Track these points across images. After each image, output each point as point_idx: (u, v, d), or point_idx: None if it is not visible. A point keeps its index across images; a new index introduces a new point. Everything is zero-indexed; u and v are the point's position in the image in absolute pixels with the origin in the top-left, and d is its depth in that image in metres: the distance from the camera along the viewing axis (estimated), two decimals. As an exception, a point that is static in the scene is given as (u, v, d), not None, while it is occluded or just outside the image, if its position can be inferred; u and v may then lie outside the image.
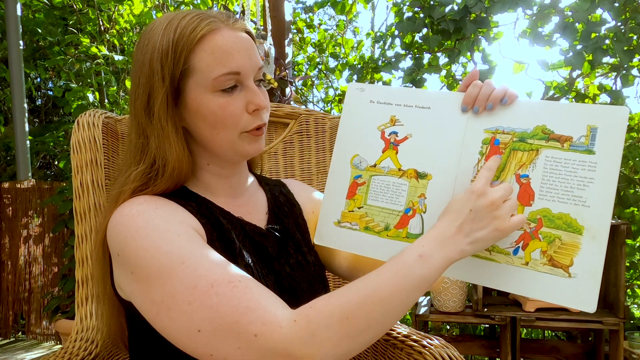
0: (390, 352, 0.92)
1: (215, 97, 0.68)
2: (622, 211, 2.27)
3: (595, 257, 0.63)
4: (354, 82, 0.72)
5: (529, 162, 0.66)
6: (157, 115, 0.68)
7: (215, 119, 0.68)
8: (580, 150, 0.64)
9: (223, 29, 0.68)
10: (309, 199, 0.89)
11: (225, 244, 0.70)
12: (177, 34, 0.66)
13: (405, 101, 0.74)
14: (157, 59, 0.67)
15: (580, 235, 0.63)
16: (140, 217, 0.63)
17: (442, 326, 2.85)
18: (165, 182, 0.70)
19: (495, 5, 2.36)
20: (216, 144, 0.71)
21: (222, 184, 0.78)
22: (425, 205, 0.71)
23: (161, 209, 0.65)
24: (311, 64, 4.19)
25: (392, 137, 0.74)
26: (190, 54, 0.67)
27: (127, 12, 3.72)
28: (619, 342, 1.92)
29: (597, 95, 2.53)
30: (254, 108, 0.69)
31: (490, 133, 0.69)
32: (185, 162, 0.70)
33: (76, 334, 0.96)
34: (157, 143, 0.69)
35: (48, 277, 3.21)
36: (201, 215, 0.70)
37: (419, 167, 0.72)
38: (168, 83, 0.67)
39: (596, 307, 0.63)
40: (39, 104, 5.88)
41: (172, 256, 0.58)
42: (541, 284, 0.65)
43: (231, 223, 0.73)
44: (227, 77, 0.67)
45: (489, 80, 0.69)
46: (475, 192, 0.63)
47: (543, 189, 0.65)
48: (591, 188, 0.63)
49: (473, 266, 0.68)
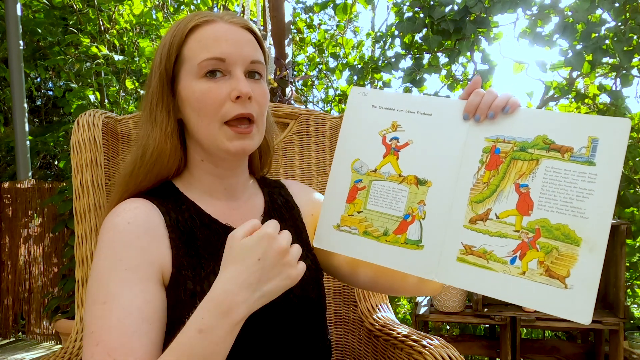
0: (390, 352, 0.92)
1: (200, 82, 0.69)
2: (622, 211, 2.27)
3: (592, 269, 0.62)
4: (357, 86, 0.73)
5: (529, 171, 0.66)
6: (151, 105, 0.72)
7: (199, 105, 0.69)
8: (581, 162, 0.64)
9: (218, 21, 0.71)
10: (308, 201, 0.88)
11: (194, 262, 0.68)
12: (175, 28, 0.72)
13: (407, 107, 0.74)
14: (159, 53, 0.72)
15: (578, 246, 0.63)
16: (110, 233, 0.66)
17: (442, 326, 2.86)
18: (146, 171, 0.72)
19: (495, 5, 2.36)
20: (201, 133, 0.71)
21: (217, 185, 0.77)
22: (425, 211, 0.71)
23: (133, 224, 0.66)
24: (311, 64, 4.19)
25: (393, 142, 0.74)
26: (182, 45, 0.70)
27: (127, 12, 3.72)
28: (619, 342, 1.92)
29: (597, 95, 2.54)
30: (236, 95, 0.68)
31: (491, 142, 0.69)
32: (166, 150, 0.71)
33: (76, 334, 0.96)
34: (147, 130, 0.72)
35: (48, 277, 3.21)
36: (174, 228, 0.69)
37: (419, 173, 0.72)
38: (164, 74, 0.71)
39: (591, 319, 0.62)
40: (39, 104, 5.88)
41: (102, 291, 0.62)
42: (537, 294, 0.64)
43: (216, 233, 0.72)
44: (209, 62, 0.68)
45: (492, 88, 0.69)
46: (265, 236, 0.57)
47: (542, 199, 0.65)
48: (590, 200, 0.63)
49: (470, 274, 0.68)
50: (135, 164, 0.72)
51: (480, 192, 0.68)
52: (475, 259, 0.67)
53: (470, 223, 0.68)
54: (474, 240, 0.67)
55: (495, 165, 0.68)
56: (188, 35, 0.70)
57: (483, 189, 0.68)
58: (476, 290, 0.68)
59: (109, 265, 0.63)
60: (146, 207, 0.69)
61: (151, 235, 0.67)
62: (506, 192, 0.67)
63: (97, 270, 0.64)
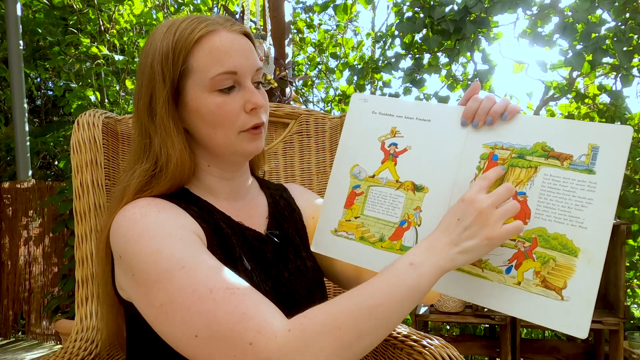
0: (390, 352, 0.92)
1: (213, 96, 0.69)
2: (622, 211, 2.27)
3: (589, 281, 0.60)
4: (357, 92, 0.73)
5: (527, 179, 0.65)
6: (159, 116, 0.70)
7: (214, 118, 0.69)
8: (580, 170, 0.62)
9: (221, 30, 0.70)
10: (309, 204, 0.89)
11: (225, 250, 0.70)
12: (176, 37, 0.69)
13: (406, 113, 0.73)
14: (158, 61, 0.69)
15: (576, 257, 0.61)
16: (143, 220, 0.63)
17: (442, 326, 2.86)
18: (167, 181, 0.70)
19: (495, 5, 2.36)
20: (215, 143, 0.71)
21: (223, 187, 0.78)
22: (421, 218, 0.70)
23: (164, 212, 0.65)
24: (311, 64, 4.19)
25: (391, 148, 0.74)
26: (188, 55, 0.68)
27: (127, 12, 3.72)
28: (619, 342, 1.92)
29: (597, 95, 2.54)
30: (251, 107, 0.70)
31: (489, 148, 0.68)
32: (187, 161, 0.71)
33: (76, 334, 0.96)
34: (159, 142, 0.70)
35: (48, 277, 3.21)
36: (202, 219, 0.70)
37: (416, 179, 0.71)
38: (169, 84, 0.69)
39: (587, 333, 0.60)
40: (39, 104, 5.88)
41: (172, 260, 0.59)
42: (532, 305, 0.63)
43: (231, 228, 0.73)
44: (224, 77, 0.68)
45: (491, 94, 0.68)
46: (465, 200, 0.62)
47: (540, 208, 0.63)
48: (589, 209, 0.61)
49: (464, 283, 0.67)
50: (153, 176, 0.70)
51: None
52: (470, 268, 0.67)
53: None
54: None
55: None
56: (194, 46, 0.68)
57: None
58: (470, 300, 0.67)
59: (160, 242, 0.60)
60: (167, 202, 0.69)
61: (184, 219, 0.67)
62: None
63: (149, 253, 0.60)
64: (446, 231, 0.62)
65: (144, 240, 0.61)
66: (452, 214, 0.63)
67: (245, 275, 0.68)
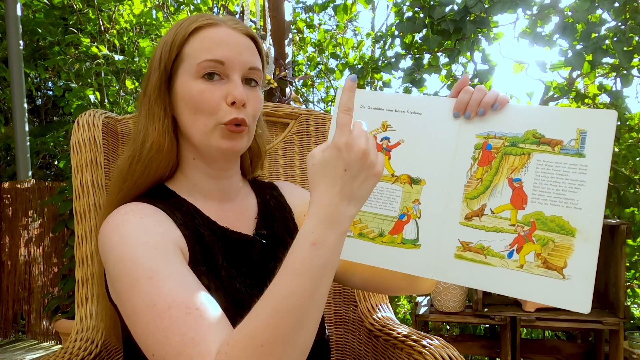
0: (390, 352, 0.92)
1: (198, 83, 0.70)
2: (622, 211, 2.27)
3: (588, 259, 0.63)
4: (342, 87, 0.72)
5: (521, 166, 0.67)
6: (150, 99, 0.73)
7: (194, 103, 0.70)
8: (571, 154, 0.65)
9: (221, 25, 0.72)
10: (300, 201, 0.88)
11: (206, 257, 0.70)
12: (178, 27, 0.73)
13: (396, 106, 0.73)
14: (159, 50, 0.74)
15: (573, 237, 0.64)
16: (124, 227, 0.64)
17: (442, 326, 2.86)
18: (142, 165, 0.71)
19: (495, 5, 2.36)
20: (194, 133, 0.72)
21: (212, 186, 0.77)
22: (420, 210, 0.71)
23: (146, 218, 0.66)
24: (311, 64, 4.19)
25: (384, 142, 0.74)
26: (184, 43, 0.72)
27: (127, 12, 3.72)
28: (619, 342, 1.92)
29: (597, 95, 2.54)
30: (232, 100, 0.70)
31: (482, 138, 0.69)
32: (165, 147, 0.72)
33: (76, 334, 0.96)
34: (144, 125, 0.73)
35: (48, 277, 3.21)
36: (185, 226, 0.70)
37: (412, 172, 0.72)
38: (162, 68, 0.72)
39: (590, 307, 0.63)
40: (39, 104, 5.88)
41: (142, 269, 0.59)
42: (536, 286, 0.65)
43: (215, 234, 0.73)
44: (209, 64, 0.70)
45: (480, 85, 0.69)
46: (342, 147, 0.56)
47: (535, 192, 0.66)
48: (582, 191, 0.64)
49: (468, 271, 0.68)
50: (132, 158, 0.73)
51: (474, 189, 0.69)
52: (473, 255, 0.68)
53: (466, 219, 0.68)
54: (471, 236, 0.68)
55: (488, 161, 0.69)
56: (191, 35, 0.72)
57: (477, 185, 0.69)
58: (475, 287, 0.69)
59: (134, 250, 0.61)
60: (151, 207, 0.69)
61: (166, 226, 0.67)
62: (500, 187, 0.68)
63: (123, 260, 0.61)
64: (334, 187, 0.56)
65: (120, 247, 0.62)
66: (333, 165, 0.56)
67: (227, 283, 0.69)
